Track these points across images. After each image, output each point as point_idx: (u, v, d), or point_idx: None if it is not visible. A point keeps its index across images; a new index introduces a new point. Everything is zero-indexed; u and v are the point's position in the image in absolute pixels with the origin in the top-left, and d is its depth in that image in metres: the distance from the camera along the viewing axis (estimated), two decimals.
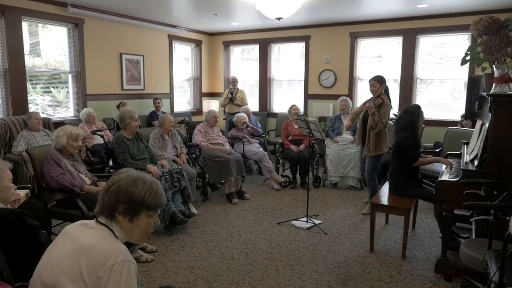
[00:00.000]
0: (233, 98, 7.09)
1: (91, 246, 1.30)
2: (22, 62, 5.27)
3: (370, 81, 4.28)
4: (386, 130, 4.28)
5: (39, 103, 5.81)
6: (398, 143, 3.62)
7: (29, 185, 3.76)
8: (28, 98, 5.45)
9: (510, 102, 2.59)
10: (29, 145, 4.49)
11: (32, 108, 5.52)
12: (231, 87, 7.31)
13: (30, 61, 5.58)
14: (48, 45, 5.87)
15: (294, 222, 4.12)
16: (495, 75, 2.72)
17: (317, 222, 4.07)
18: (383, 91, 4.21)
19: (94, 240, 1.32)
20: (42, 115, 5.09)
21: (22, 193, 2.68)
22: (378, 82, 4.20)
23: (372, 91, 4.24)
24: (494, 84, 2.72)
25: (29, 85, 5.51)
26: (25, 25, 5.37)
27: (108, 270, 1.25)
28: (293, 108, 5.78)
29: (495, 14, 2.85)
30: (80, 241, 1.33)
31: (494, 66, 2.73)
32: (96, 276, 1.25)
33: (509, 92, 2.63)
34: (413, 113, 3.60)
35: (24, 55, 5.31)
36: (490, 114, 2.65)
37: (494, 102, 2.61)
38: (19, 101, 5.27)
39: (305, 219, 4.12)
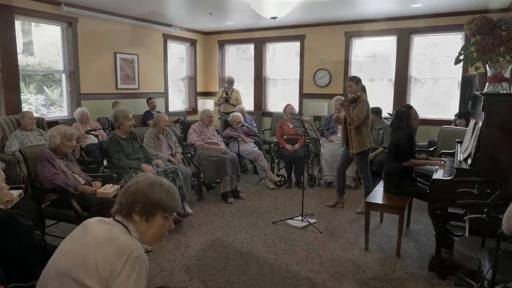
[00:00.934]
0: (228, 98, 7.08)
1: (108, 239, 1.35)
2: (15, 61, 5.22)
3: (346, 82, 4.43)
4: (368, 127, 4.35)
5: (33, 102, 5.77)
6: (392, 143, 3.67)
7: (23, 185, 3.74)
8: (21, 97, 5.40)
9: (503, 101, 2.61)
10: (22, 145, 4.45)
11: (25, 107, 5.47)
12: (226, 86, 7.29)
13: (23, 60, 5.54)
14: (41, 44, 5.83)
15: (289, 221, 4.12)
16: (488, 75, 2.74)
17: (312, 221, 4.08)
18: (361, 89, 4.34)
19: (111, 234, 1.38)
20: (35, 115, 5.05)
21: (15, 193, 2.66)
22: (353, 82, 4.31)
23: (349, 91, 4.36)
24: (487, 84, 2.75)
25: (22, 85, 5.46)
26: (18, 24, 5.32)
27: (122, 263, 1.29)
28: (288, 108, 5.79)
29: (488, 14, 2.88)
30: (97, 235, 1.38)
31: (487, 66, 2.75)
32: (110, 269, 1.29)
33: (502, 91, 2.65)
34: (403, 117, 3.65)
35: (17, 54, 5.26)
36: (483, 113, 2.67)
37: (487, 101, 2.63)
38: (12, 101, 5.22)
39: (300, 218, 4.12)
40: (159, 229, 1.47)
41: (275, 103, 8.18)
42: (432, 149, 4.97)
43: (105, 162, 4.17)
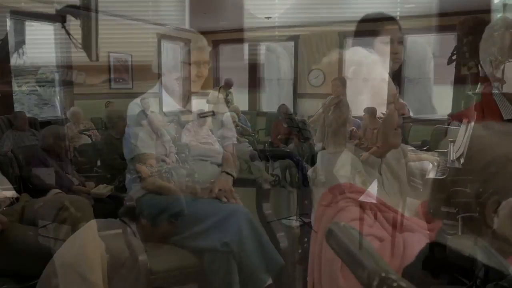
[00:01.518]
0: (228, 99, 7.05)
1: (111, 238, 1.44)
2: (7, 61, 5.17)
3: (332, 81, 4.48)
4: (346, 128, 4.40)
5: (25, 102, 5.72)
6: None
7: (15, 185, 3.70)
8: (14, 97, 5.35)
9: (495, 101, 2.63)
10: (14, 145, 4.41)
11: (17, 107, 5.43)
12: (222, 85, 7.25)
13: (15, 59, 5.48)
14: (34, 44, 5.77)
15: (284, 221, 4.12)
16: (481, 75, 2.76)
17: (307, 220, 4.08)
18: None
19: (115, 233, 1.48)
20: (28, 115, 5.01)
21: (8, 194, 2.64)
22: (341, 83, 4.35)
23: (334, 91, 4.41)
24: (479, 84, 2.77)
25: (14, 84, 5.41)
26: (10, 23, 5.27)
27: (121, 261, 1.38)
28: (282, 107, 5.81)
29: (481, 14, 2.90)
30: (102, 233, 1.47)
31: (479, 66, 2.78)
32: (112, 266, 1.36)
33: (493, 91, 2.67)
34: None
35: (9, 54, 5.20)
36: (475, 112, 2.69)
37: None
38: (4, 101, 5.18)
39: (294, 217, 4.12)
40: (164, 232, 1.51)
41: (270, 103, 8.18)
42: (425, 148, 5.00)
43: (98, 163, 4.14)
